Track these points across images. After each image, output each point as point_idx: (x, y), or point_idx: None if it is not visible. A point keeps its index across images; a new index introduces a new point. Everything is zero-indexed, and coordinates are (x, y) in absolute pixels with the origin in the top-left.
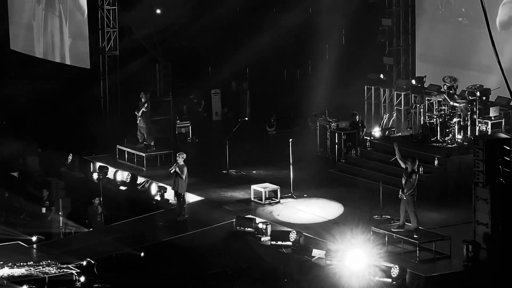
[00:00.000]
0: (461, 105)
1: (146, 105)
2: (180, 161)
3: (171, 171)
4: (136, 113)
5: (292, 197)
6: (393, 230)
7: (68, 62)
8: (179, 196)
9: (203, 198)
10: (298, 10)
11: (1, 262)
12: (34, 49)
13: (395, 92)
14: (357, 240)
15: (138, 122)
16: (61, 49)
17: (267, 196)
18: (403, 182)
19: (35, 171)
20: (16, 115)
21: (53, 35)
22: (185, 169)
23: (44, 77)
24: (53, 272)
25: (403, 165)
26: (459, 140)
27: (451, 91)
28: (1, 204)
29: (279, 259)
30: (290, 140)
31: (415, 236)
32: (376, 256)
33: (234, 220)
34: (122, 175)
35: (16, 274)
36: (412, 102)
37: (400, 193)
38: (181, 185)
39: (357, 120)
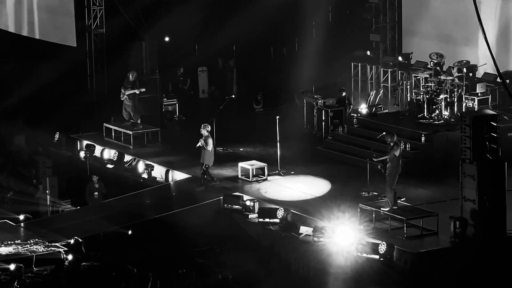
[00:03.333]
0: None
1: (141, 90)
2: (205, 132)
3: (198, 146)
4: (122, 90)
5: (279, 175)
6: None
7: (54, 39)
8: (203, 166)
9: (191, 175)
10: None
11: None
12: (11, 25)
13: (381, 69)
14: (344, 217)
15: (122, 99)
16: (46, 26)
17: (254, 173)
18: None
19: (22, 150)
20: (2, 94)
21: (31, 11)
22: (210, 140)
23: (30, 55)
24: (40, 250)
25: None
26: (446, 117)
27: (437, 68)
28: None
29: (266, 236)
30: (277, 117)
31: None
32: (363, 233)
33: (221, 197)
34: (109, 153)
35: (3, 253)
36: (399, 78)
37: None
38: (208, 157)
39: (344, 96)
